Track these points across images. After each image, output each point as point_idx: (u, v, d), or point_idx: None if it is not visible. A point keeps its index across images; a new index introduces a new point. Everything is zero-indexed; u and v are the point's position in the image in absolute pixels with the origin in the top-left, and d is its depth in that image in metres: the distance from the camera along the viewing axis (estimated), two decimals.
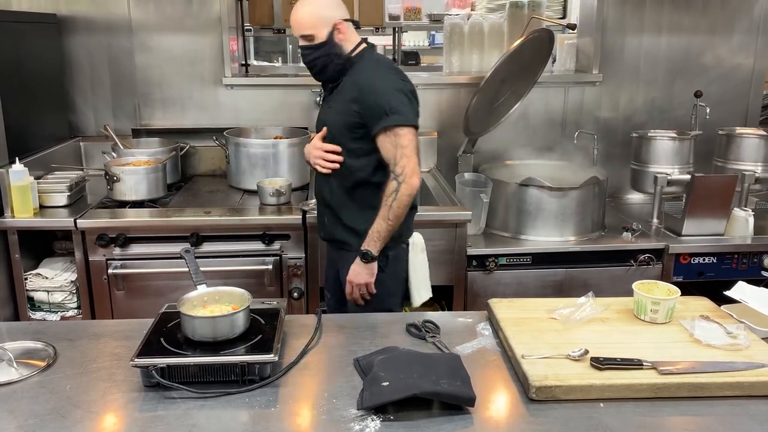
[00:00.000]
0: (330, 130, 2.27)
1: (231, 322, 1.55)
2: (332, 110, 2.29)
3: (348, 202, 2.29)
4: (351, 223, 2.29)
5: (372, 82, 2.21)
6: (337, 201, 2.31)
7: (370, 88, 2.19)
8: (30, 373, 1.54)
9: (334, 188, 2.30)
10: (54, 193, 2.79)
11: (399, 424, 1.35)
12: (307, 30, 2.21)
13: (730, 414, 1.41)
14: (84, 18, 3.32)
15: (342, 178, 2.28)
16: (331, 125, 2.27)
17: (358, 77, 2.22)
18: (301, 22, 2.22)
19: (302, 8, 2.22)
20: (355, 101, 2.19)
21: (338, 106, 2.25)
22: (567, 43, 3.70)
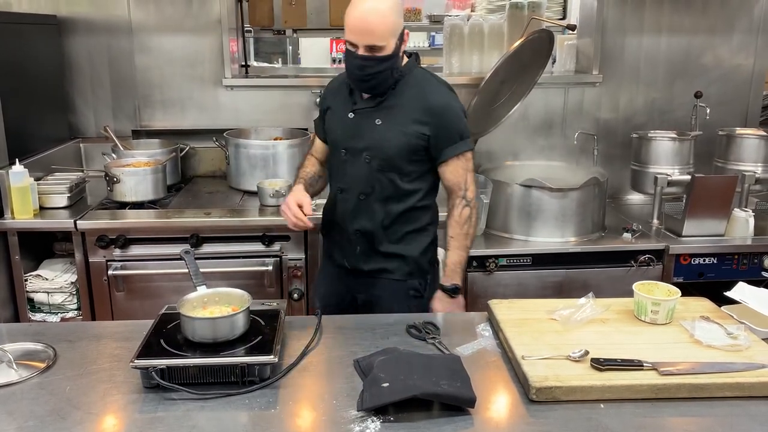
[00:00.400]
0: (385, 151, 2.06)
1: (231, 323, 1.55)
2: (389, 129, 2.05)
3: (393, 228, 2.14)
4: (394, 249, 2.15)
5: (445, 104, 2.07)
6: (379, 228, 2.13)
7: (444, 112, 2.06)
8: (30, 375, 1.54)
9: (378, 215, 2.12)
10: (54, 195, 2.79)
11: (399, 425, 1.35)
12: (379, 41, 1.94)
13: (730, 415, 1.40)
14: (84, 19, 3.32)
15: (392, 204, 2.11)
16: (389, 146, 2.05)
17: (430, 98, 2.06)
18: (374, 30, 1.93)
19: (374, 14, 1.92)
20: (424, 124, 2.04)
21: (399, 127, 2.04)
22: (567, 44, 3.70)
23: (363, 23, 1.93)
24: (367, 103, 2.08)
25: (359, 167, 2.10)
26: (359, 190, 2.12)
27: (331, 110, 2.20)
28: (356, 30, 1.94)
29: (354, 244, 2.17)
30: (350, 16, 1.95)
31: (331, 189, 2.24)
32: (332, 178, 2.23)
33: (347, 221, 2.16)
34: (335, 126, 2.17)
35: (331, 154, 2.22)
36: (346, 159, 2.12)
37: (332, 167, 2.22)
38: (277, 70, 4.81)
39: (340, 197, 2.17)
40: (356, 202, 2.13)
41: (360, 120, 2.09)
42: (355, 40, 1.95)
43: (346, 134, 2.12)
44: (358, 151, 2.09)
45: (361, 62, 1.97)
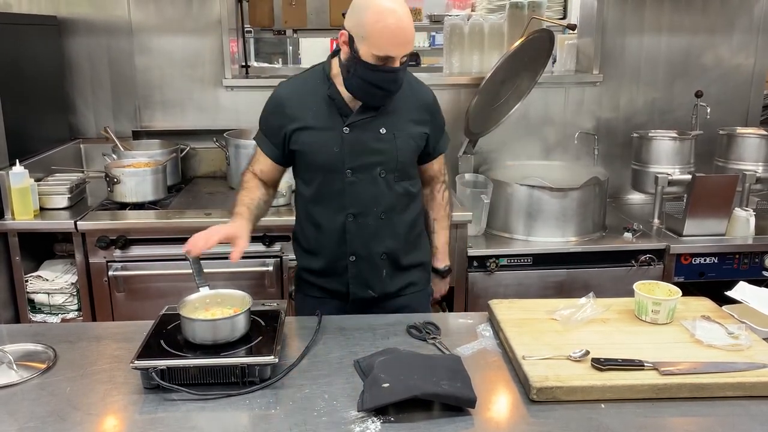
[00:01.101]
0: (398, 160, 1.91)
1: (231, 325, 1.55)
2: (397, 137, 1.90)
3: (410, 238, 2.03)
4: (415, 259, 2.05)
5: (434, 99, 2.01)
6: (404, 243, 2.00)
7: (436, 108, 2.02)
8: (30, 376, 1.54)
9: (400, 230, 1.99)
10: (54, 195, 2.79)
11: (399, 426, 1.35)
12: (412, 46, 1.80)
13: (731, 415, 1.40)
14: (84, 20, 3.32)
15: (408, 213, 2.00)
16: (401, 154, 1.91)
17: (422, 95, 1.98)
18: (411, 38, 1.77)
19: (406, 20, 1.74)
20: (424, 123, 1.96)
21: (404, 131, 1.91)
22: (567, 44, 3.70)
23: (402, 34, 1.73)
24: (364, 112, 1.87)
25: (374, 185, 1.91)
26: (380, 209, 1.93)
27: (308, 129, 1.89)
28: (396, 42, 1.73)
29: (380, 268, 1.98)
30: (386, 30, 1.71)
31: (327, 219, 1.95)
32: (329, 206, 1.94)
33: (370, 247, 1.95)
34: (324, 145, 1.88)
35: (321, 180, 1.93)
36: (355, 180, 1.89)
37: (326, 194, 1.93)
38: (277, 71, 4.81)
39: (352, 224, 1.92)
40: (378, 224, 1.94)
41: (360, 133, 1.87)
42: (395, 54, 1.74)
43: (349, 152, 1.87)
44: (369, 167, 1.89)
45: (397, 75, 1.78)
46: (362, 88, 1.81)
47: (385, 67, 1.75)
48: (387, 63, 1.75)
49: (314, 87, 1.92)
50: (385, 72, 1.76)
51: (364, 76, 1.77)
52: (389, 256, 1.98)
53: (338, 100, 1.88)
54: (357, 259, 1.96)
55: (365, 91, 1.82)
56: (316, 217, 1.97)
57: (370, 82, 1.78)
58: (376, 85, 1.79)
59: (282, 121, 1.92)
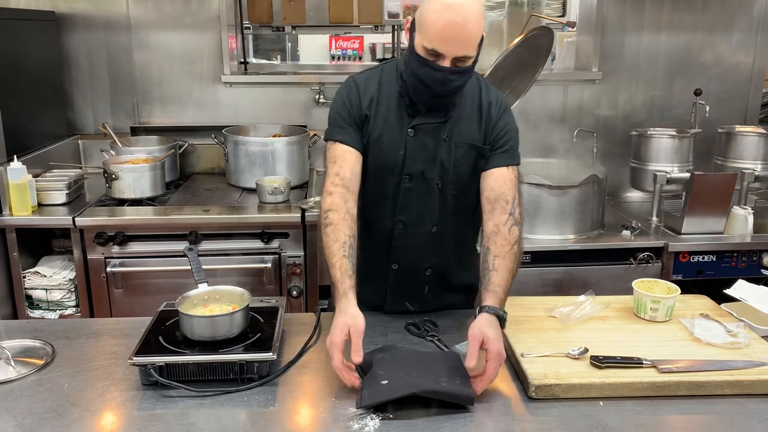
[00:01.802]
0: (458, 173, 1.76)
1: (230, 321, 1.55)
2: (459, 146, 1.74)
3: (454, 259, 1.87)
4: (467, 281, 1.89)
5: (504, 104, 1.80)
6: (454, 261, 1.86)
7: (504, 113, 1.80)
8: (28, 372, 1.54)
9: (452, 246, 1.85)
10: (52, 191, 2.78)
11: (398, 423, 1.35)
12: (472, 50, 1.59)
13: (729, 412, 1.40)
14: (82, 15, 3.31)
15: (464, 229, 1.86)
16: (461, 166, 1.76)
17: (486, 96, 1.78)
18: (470, 38, 1.57)
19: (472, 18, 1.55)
20: (481, 126, 1.76)
21: (466, 140, 1.75)
22: (566, 41, 3.70)
23: (460, 31, 1.55)
24: (432, 116, 1.72)
25: (429, 196, 1.77)
26: (432, 222, 1.79)
27: (377, 122, 1.75)
28: (449, 39, 1.55)
29: (422, 284, 1.85)
30: (440, 20, 1.54)
31: (375, 221, 1.82)
32: (380, 209, 1.80)
33: (416, 259, 1.83)
34: (389, 144, 1.74)
35: (377, 179, 1.78)
36: (411, 187, 1.75)
37: (380, 195, 1.79)
38: (276, 67, 4.80)
39: (401, 232, 1.79)
40: (428, 237, 1.80)
41: (424, 138, 1.73)
42: (443, 50, 1.56)
43: (410, 156, 1.73)
44: (427, 176, 1.75)
45: (445, 76, 1.60)
46: (411, 82, 1.67)
47: (434, 63, 1.59)
48: (437, 60, 1.58)
49: (386, 82, 1.77)
50: (432, 69, 1.59)
51: (413, 68, 1.64)
52: (435, 272, 1.85)
53: (408, 98, 1.73)
54: (399, 269, 1.83)
55: (414, 86, 1.67)
56: (367, 215, 1.80)
57: (417, 77, 1.63)
58: (422, 81, 1.63)
59: (359, 105, 1.75)
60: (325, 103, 3.38)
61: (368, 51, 7.24)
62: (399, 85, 1.74)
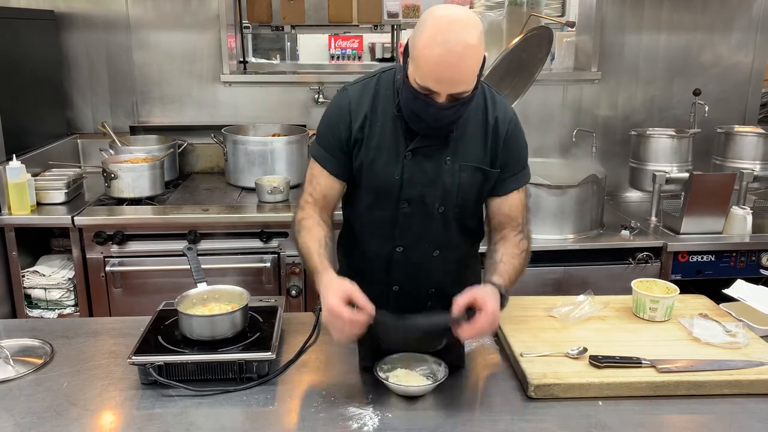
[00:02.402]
0: (462, 196, 1.67)
1: (229, 321, 1.55)
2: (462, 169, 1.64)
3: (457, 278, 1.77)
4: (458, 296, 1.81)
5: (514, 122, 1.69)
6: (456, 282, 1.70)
7: (514, 133, 1.69)
8: (27, 371, 1.54)
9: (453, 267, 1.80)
10: (51, 191, 2.78)
11: (398, 422, 1.35)
12: (468, 86, 1.47)
13: (728, 412, 1.41)
14: (82, 15, 3.30)
15: (465, 250, 1.82)
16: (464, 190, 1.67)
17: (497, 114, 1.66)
18: (468, 76, 1.45)
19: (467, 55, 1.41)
20: (493, 149, 1.66)
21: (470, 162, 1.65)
22: (566, 41, 3.70)
23: (453, 70, 1.42)
24: (430, 138, 1.61)
25: (431, 221, 1.69)
26: (432, 247, 1.73)
27: (370, 145, 1.64)
28: (441, 79, 1.44)
29: (425, 301, 1.79)
30: (430, 57, 1.41)
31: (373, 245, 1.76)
32: (378, 233, 1.73)
33: (417, 281, 1.77)
34: (384, 168, 1.64)
35: (373, 203, 1.71)
36: (410, 212, 1.67)
37: (377, 220, 1.72)
38: (275, 67, 4.80)
39: (401, 256, 1.73)
40: (429, 261, 1.74)
41: (423, 161, 1.63)
42: (436, 89, 1.45)
43: (408, 181, 1.64)
44: (427, 201, 1.66)
45: (440, 112, 1.50)
46: (406, 113, 1.57)
47: (427, 98, 1.48)
48: (431, 95, 1.47)
49: (383, 97, 1.65)
50: (427, 104, 1.49)
51: (406, 99, 1.54)
52: (438, 291, 1.78)
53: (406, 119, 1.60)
54: (400, 291, 1.78)
55: (408, 117, 1.57)
56: (363, 238, 1.77)
57: (411, 109, 1.54)
58: (416, 113, 1.53)
59: (348, 129, 1.65)
60: (325, 103, 3.38)
61: (367, 50, 7.25)
62: (395, 102, 1.62)
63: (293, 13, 4.41)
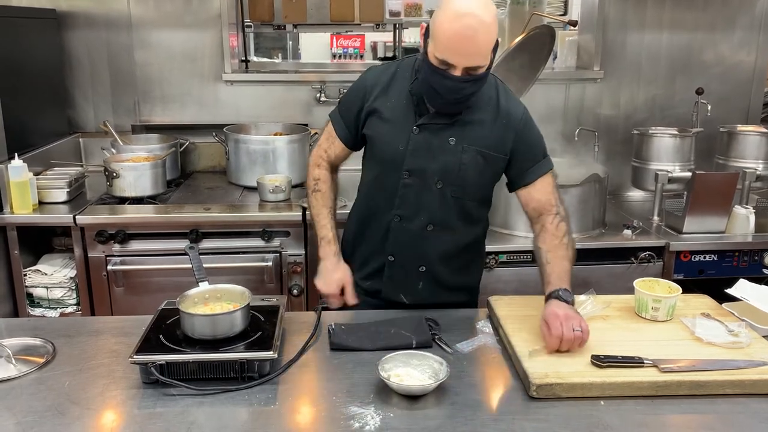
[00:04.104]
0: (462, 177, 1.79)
1: (230, 320, 1.55)
2: (465, 151, 1.77)
3: (451, 261, 1.91)
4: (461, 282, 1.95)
5: (525, 116, 1.83)
6: (449, 261, 1.90)
7: (526, 126, 1.83)
8: (28, 370, 1.54)
9: (448, 246, 1.88)
10: (53, 189, 2.78)
11: (399, 421, 1.35)
12: (483, 60, 1.63)
13: (731, 412, 1.40)
14: (84, 14, 3.30)
15: (463, 232, 1.89)
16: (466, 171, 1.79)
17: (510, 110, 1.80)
18: (481, 50, 1.61)
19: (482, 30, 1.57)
20: (506, 141, 1.79)
21: (476, 147, 1.78)
22: (568, 40, 3.69)
23: (469, 43, 1.57)
24: (438, 117, 1.76)
25: (428, 194, 1.81)
26: (427, 220, 1.84)
27: (380, 116, 1.82)
28: (458, 50, 1.59)
29: (417, 279, 1.91)
30: (449, 31, 1.57)
31: (374, 212, 1.91)
32: (379, 200, 1.89)
33: (410, 254, 1.88)
34: (391, 139, 1.80)
35: (379, 172, 1.87)
36: (410, 183, 1.81)
37: (380, 187, 1.88)
38: (277, 66, 4.80)
39: (398, 225, 1.86)
40: (423, 234, 1.85)
41: (429, 137, 1.77)
42: (453, 61, 1.60)
43: (411, 153, 1.78)
44: (427, 175, 1.79)
45: (457, 84, 1.64)
46: (424, 88, 1.72)
47: (445, 72, 1.62)
48: (448, 69, 1.62)
49: (401, 77, 1.83)
50: (444, 77, 1.63)
51: (425, 75, 1.68)
52: (430, 270, 1.89)
53: (418, 96, 1.77)
54: (395, 262, 1.89)
55: (426, 92, 1.72)
56: (367, 206, 1.94)
57: (429, 84, 1.68)
58: (434, 88, 1.68)
59: (362, 104, 1.84)
60: (326, 102, 3.38)
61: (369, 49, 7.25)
62: (411, 82, 1.79)
63: (295, 12, 4.41)
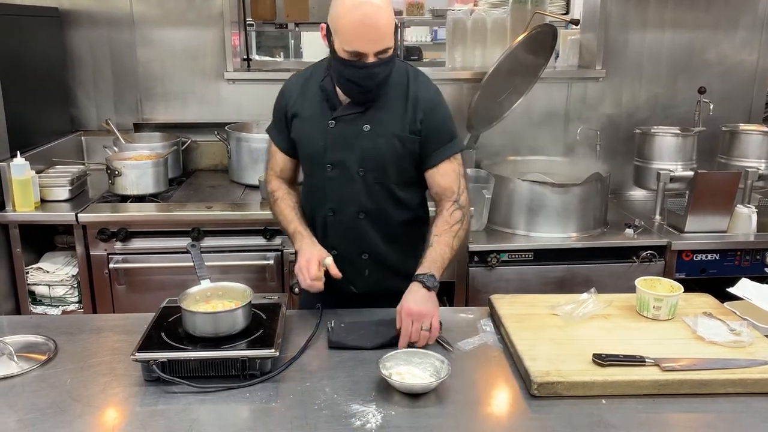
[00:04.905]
0: (380, 161, 1.84)
1: (232, 318, 1.55)
2: (380, 135, 1.82)
3: (392, 245, 1.93)
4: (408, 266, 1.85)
5: (434, 99, 1.86)
6: (381, 246, 1.92)
7: (434, 109, 1.85)
8: (30, 367, 1.54)
9: (376, 232, 1.91)
10: (55, 187, 2.78)
11: (401, 419, 1.35)
12: (389, 42, 1.69)
13: (732, 411, 1.40)
14: (86, 12, 3.31)
15: (389, 217, 1.91)
16: (383, 155, 1.83)
17: (419, 93, 1.83)
18: (385, 33, 1.67)
19: (380, 14, 1.64)
20: (414, 123, 1.82)
21: (390, 130, 1.82)
22: (570, 39, 3.69)
23: (373, 29, 1.65)
24: (350, 108, 1.82)
25: (352, 183, 1.86)
26: (357, 208, 1.88)
27: (301, 118, 1.89)
28: (365, 38, 1.65)
29: (362, 267, 1.94)
30: (351, 23, 1.65)
31: (313, 210, 1.95)
32: (314, 198, 1.94)
33: (350, 245, 1.92)
34: (312, 137, 1.87)
35: (309, 171, 1.95)
36: (334, 175, 1.86)
37: (312, 185, 1.94)
38: (279, 64, 4.80)
39: (332, 219, 1.91)
40: (356, 223, 1.89)
41: (344, 128, 1.83)
42: (364, 50, 1.66)
43: (331, 146, 1.84)
44: (348, 164, 1.84)
45: (371, 71, 1.70)
46: (340, 83, 1.78)
47: (358, 62, 1.68)
48: (360, 59, 1.68)
49: (314, 78, 1.90)
50: (357, 68, 1.69)
51: (339, 70, 1.74)
52: (373, 257, 1.93)
53: (329, 92, 1.84)
54: (338, 254, 1.88)
55: (343, 86, 1.79)
56: (307, 206, 1.98)
57: (345, 77, 1.74)
58: (350, 80, 1.74)
59: (285, 110, 1.93)
60: None
61: None
62: (321, 80, 1.86)
63: (297, 11, 4.42)
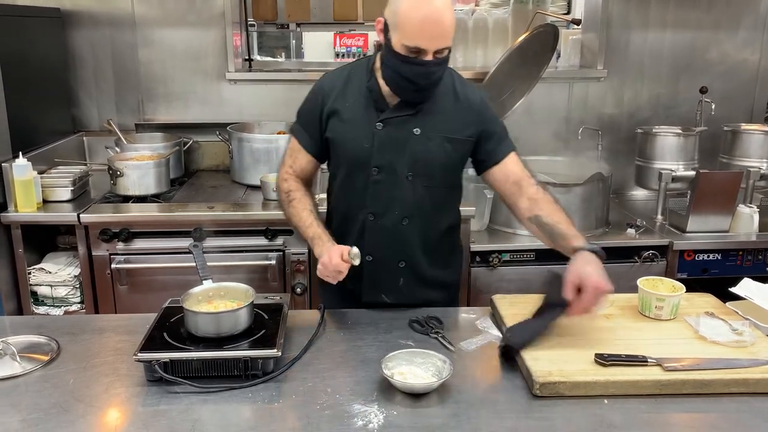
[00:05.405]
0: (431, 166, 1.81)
1: (234, 318, 1.55)
2: (431, 139, 1.79)
3: (429, 254, 1.90)
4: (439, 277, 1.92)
5: (484, 100, 1.86)
6: (427, 254, 1.90)
7: (486, 109, 1.86)
8: (33, 368, 1.54)
9: (424, 238, 1.88)
10: (57, 188, 2.79)
11: (403, 419, 1.35)
12: (449, 41, 1.68)
13: (735, 411, 1.40)
14: (88, 12, 3.31)
15: (437, 223, 1.90)
16: (435, 160, 1.81)
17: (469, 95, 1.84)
18: (449, 31, 1.66)
19: (446, 12, 1.64)
20: (468, 125, 1.82)
21: (442, 134, 1.80)
22: (571, 39, 3.69)
23: (437, 26, 1.63)
24: (400, 110, 1.78)
25: (400, 188, 1.82)
26: (402, 214, 1.84)
27: (341, 118, 1.84)
28: (428, 34, 1.63)
29: (397, 276, 1.89)
30: (417, 19, 1.62)
31: (348, 214, 1.90)
32: (352, 202, 1.88)
33: (388, 251, 1.87)
34: (355, 138, 1.82)
35: (348, 173, 1.88)
36: (380, 179, 1.81)
37: (351, 188, 1.88)
38: (280, 65, 4.80)
39: (372, 224, 1.85)
40: (399, 228, 1.85)
41: (393, 131, 1.79)
42: (425, 46, 1.64)
43: (378, 149, 1.79)
44: (397, 168, 1.80)
45: (428, 69, 1.68)
46: (394, 80, 1.74)
47: (416, 59, 1.66)
48: (419, 56, 1.65)
49: (356, 78, 1.86)
50: (415, 65, 1.66)
51: (394, 67, 1.70)
52: (409, 265, 1.89)
53: (376, 93, 1.81)
54: (374, 261, 1.87)
55: (397, 84, 1.74)
56: (340, 210, 1.93)
57: (400, 74, 1.70)
58: (406, 78, 1.70)
59: (321, 108, 1.87)
60: None
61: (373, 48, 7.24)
62: (367, 80, 1.83)
63: (298, 11, 4.41)
